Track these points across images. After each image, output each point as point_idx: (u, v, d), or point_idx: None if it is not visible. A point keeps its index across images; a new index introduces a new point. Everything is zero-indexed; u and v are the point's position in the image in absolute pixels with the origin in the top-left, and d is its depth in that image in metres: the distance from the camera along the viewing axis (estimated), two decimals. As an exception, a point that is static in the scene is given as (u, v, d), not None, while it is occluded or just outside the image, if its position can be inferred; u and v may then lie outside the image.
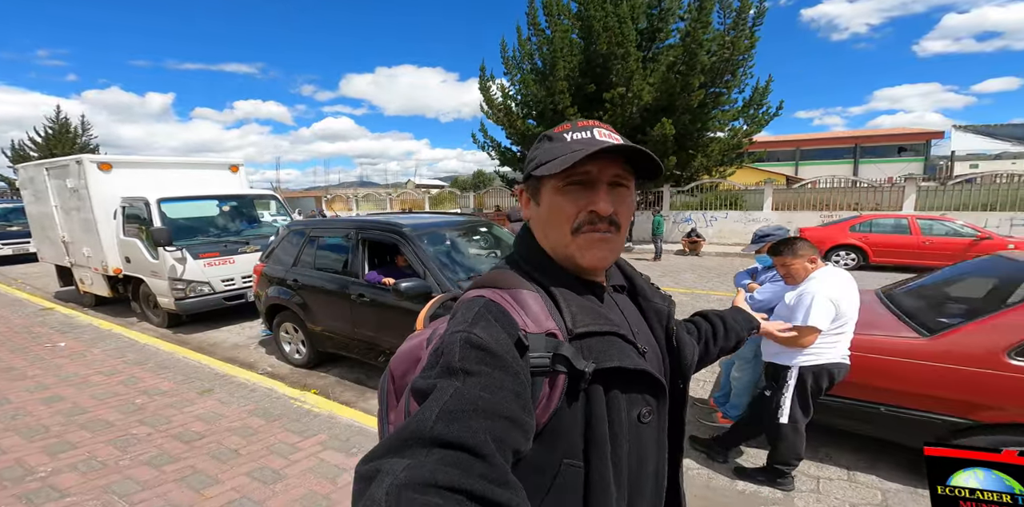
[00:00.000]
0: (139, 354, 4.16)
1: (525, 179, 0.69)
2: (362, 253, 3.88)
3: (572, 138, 0.64)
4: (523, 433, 0.50)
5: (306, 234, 4.36)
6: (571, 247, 0.64)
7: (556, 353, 0.56)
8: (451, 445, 0.43)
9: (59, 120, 29.69)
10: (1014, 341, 1.86)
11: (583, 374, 0.56)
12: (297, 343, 4.35)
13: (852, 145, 33.70)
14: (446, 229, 4.08)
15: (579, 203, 0.63)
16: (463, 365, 0.51)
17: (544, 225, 0.67)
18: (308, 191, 39.99)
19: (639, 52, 12.82)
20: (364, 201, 24.56)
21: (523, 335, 0.56)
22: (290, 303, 4.23)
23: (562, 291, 0.63)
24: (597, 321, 0.61)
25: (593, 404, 0.58)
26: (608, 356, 0.58)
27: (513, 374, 0.52)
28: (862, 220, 8.78)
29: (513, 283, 0.63)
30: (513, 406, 0.50)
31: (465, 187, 21.29)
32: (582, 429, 0.58)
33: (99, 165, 5.63)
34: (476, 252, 4.16)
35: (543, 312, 0.60)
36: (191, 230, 5.70)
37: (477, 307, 0.58)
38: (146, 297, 5.69)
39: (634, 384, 0.61)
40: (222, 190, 6.44)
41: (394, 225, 3.83)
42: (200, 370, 3.72)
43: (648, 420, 0.63)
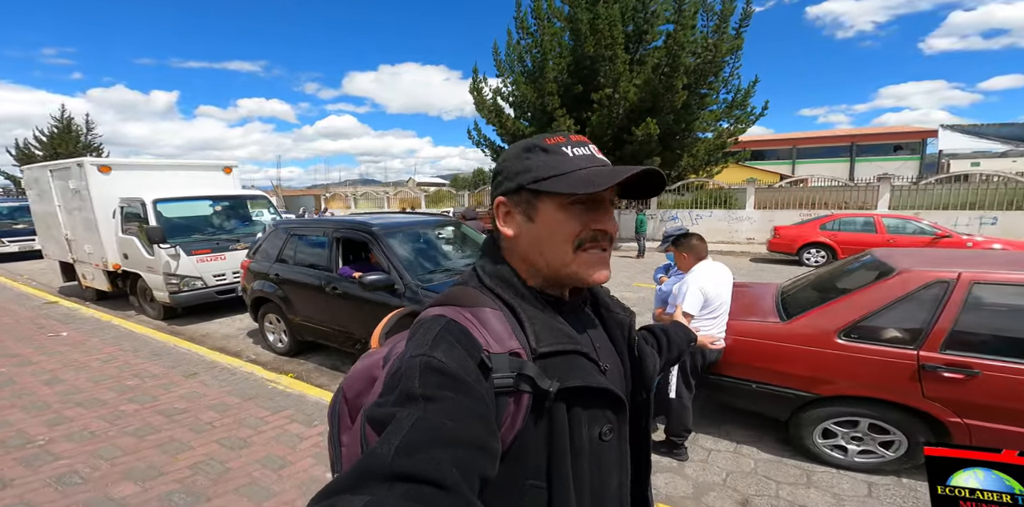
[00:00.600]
0: (134, 343, 4.54)
1: (514, 191, 0.65)
2: (336, 250, 4.25)
3: (575, 154, 0.62)
4: (490, 459, 0.49)
5: (288, 232, 4.73)
6: (573, 265, 0.63)
7: (520, 373, 0.55)
8: (414, 478, 0.41)
9: (63, 119, 30.02)
10: (841, 324, 2.22)
11: (547, 394, 0.55)
12: (280, 333, 4.73)
13: (849, 144, 33.76)
14: (414, 228, 4.44)
15: (583, 221, 0.62)
16: (424, 391, 0.49)
17: (540, 243, 0.64)
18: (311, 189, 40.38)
19: (626, 54, 13.09)
20: (363, 199, 24.97)
21: (486, 356, 0.55)
22: (273, 296, 4.60)
23: (526, 309, 0.62)
24: (561, 340, 0.60)
25: (555, 423, 0.57)
26: (571, 375, 0.58)
27: (477, 398, 0.51)
28: (832, 219, 9.09)
29: (476, 301, 0.62)
30: (478, 432, 0.49)
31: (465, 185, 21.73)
32: (545, 450, 0.57)
33: (99, 168, 6.01)
34: (442, 250, 4.51)
35: (506, 331, 0.59)
36: (186, 228, 6.08)
37: (438, 328, 0.56)
38: (143, 291, 6.07)
39: (596, 402, 0.60)
40: (216, 191, 6.81)
41: (365, 225, 4.20)
42: (188, 357, 4.10)
43: (609, 438, 0.62)
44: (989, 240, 7.69)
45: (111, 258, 6.12)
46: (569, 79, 14.30)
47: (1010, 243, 7.57)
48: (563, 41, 14.48)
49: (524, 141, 0.66)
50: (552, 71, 13.80)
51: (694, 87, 13.24)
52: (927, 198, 10.52)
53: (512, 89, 15.44)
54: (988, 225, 9.81)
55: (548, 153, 0.62)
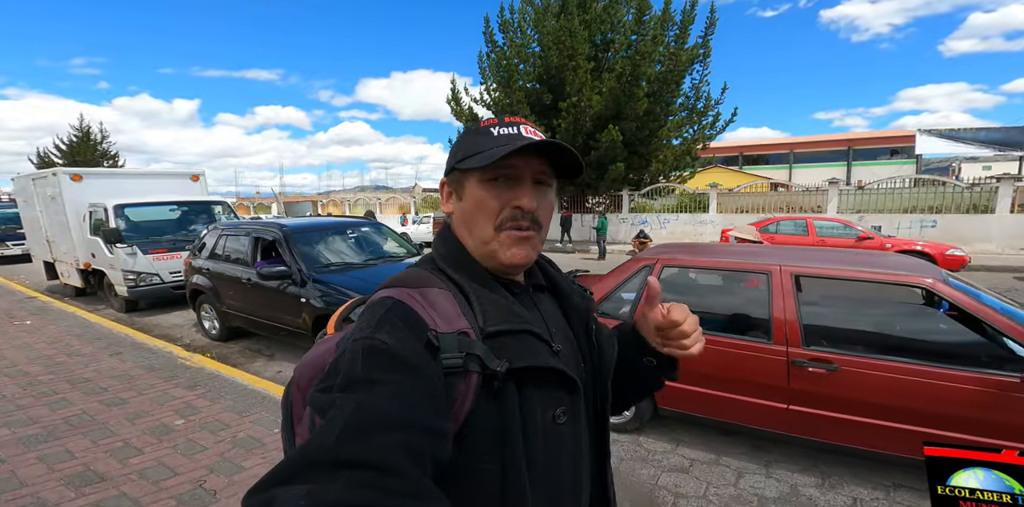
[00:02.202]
0: (84, 330, 5.19)
1: (448, 172, 0.67)
2: (253, 247, 4.84)
3: (498, 133, 0.62)
4: (440, 440, 0.48)
5: (221, 233, 5.35)
6: (492, 244, 0.63)
7: (469, 353, 0.54)
8: (359, 465, 0.40)
9: (82, 128, 31.40)
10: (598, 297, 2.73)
11: (496, 374, 0.54)
12: (213, 320, 5.32)
13: (845, 148, 33.59)
14: (325, 229, 5.02)
15: (503, 198, 0.61)
16: (367, 374, 0.48)
17: (467, 220, 0.64)
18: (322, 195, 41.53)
19: (589, 64, 13.63)
20: (357, 205, 25.86)
21: (433, 336, 0.53)
22: (206, 288, 5.21)
23: (476, 289, 0.61)
24: (510, 319, 0.59)
25: (506, 404, 0.56)
26: (521, 355, 0.57)
27: (424, 379, 0.50)
28: (772, 221, 9.44)
29: (424, 282, 0.61)
30: (426, 413, 0.47)
31: None
32: (496, 431, 0.55)
33: (71, 176, 6.76)
34: (348, 247, 5.06)
35: (454, 311, 0.58)
36: (151, 230, 6.78)
37: (383, 310, 0.55)
38: (109, 287, 6.76)
39: (547, 383, 0.59)
40: (182, 197, 7.52)
41: (277, 225, 4.79)
42: (122, 340, 4.72)
43: (563, 421, 0.60)
44: (911, 241, 7.98)
45: (82, 257, 6.83)
46: (539, 88, 14.90)
47: (928, 244, 7.90)
48: (533, 52, 15.09)
49: (465, 127, 0.70)
50: (520, 80, 14.41)
51: (658, 95, 13.70)
52: (872, 202, 10.76)
53: (491, 98, 16.09)
54: (928, 228, 10.03)
55: (477, 134, 0.64)
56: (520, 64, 15.01)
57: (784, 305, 2.13)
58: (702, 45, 14.42)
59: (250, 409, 3.09)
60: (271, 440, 2.68)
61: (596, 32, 14.58)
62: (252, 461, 2.47)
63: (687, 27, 13.47)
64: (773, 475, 2.40)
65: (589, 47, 13.92)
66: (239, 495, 2.18)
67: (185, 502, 2.13)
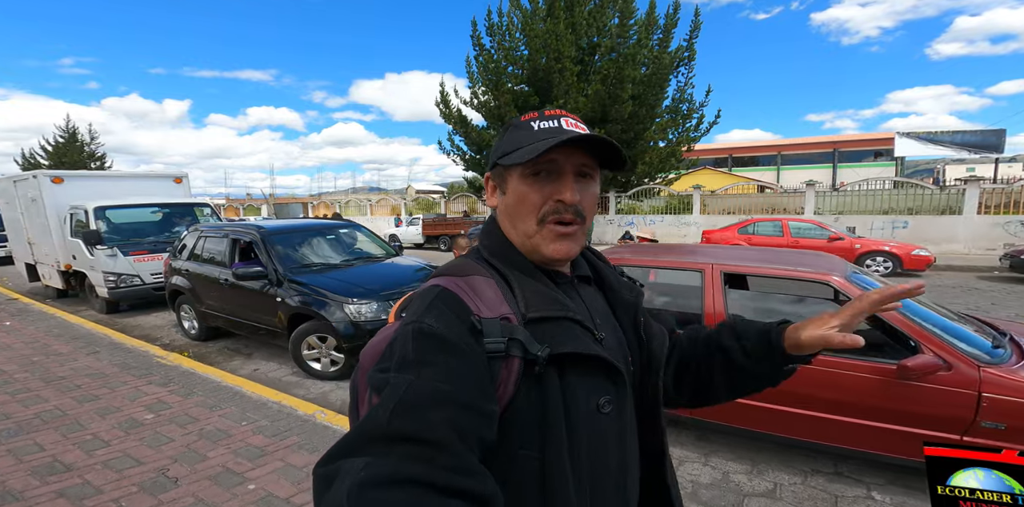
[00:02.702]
0: (63, 330, 5.24)
1: (491, 167, 0.69)
2: (230, 248, 4.93)
3: (539, 127, 0.63)
4: (486, 420, 0.50)
5: (200, 234, 5.43)
6: (536, 238, 0.64)
7: (511, 337, 0.55)
8: (410, 439, 0.43)
9: (68, 129, 31.09)
10: None
11: (538, 359, 0.54)
12: (192, 320, 5.40)
13: (831, 150, 34.16)
14: (302, 231, 5.13)
15: (545, 192, 0.62)
16: (417, 356, 0.51)
17: (511, 214, 0.66)
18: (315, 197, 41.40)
19: (576, 67, 13.84)
20: (347, 207, 25.86)
21: (476, 320, 0.55)
22: (185, 289, 5.28)
23: (518, 277, 0.63)
24: (551, 306, 0.60)
25: (548, 391, 0.56)
26: (563, 341, 0.57)
27: (470, 361, 0.52)
28: (749, 223, 9.67)
29: (469, 270, 0.63)
30: (472, 393, 0.49)
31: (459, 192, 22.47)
32: (538, 418, 0.55)
33: (52, 179, 6.80)
34: (325, 248, 5.16)
35: (498, 297, 0.59)
36: (132, 232, 6.83)
37: (431, 297, 0.58)
38: (90, 288, 6.79)
39: (591, 371, 0.59)
40: (165, 199, 7.57)
41: (255, 227, 4.89)
42: (100, 340, 4.78)
43: (608, 410, 0.60)
44: (880, 242, 8.23)
45: (63, 259, 6.86)
46: (527, 90, 15.08)
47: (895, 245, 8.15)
48: (521, 54, 15.28)
49: (507, 122, 0.70)
50: (508, 83, 14.58)
51: (642, 98, 13.93)
52: (848, 203, 11.05)
53: (481, 100, 16.25)
54: (900, 229, 10.31)
55: (518, 129, 0.65)
56: (509, 67, 15.20)
57: (714, 299, 2.28)
58: (686, 48, 14.71)
59: (221, 404, 3.20)
60: (238, 432, 2.79)
61: (583, 35, 14.80)
62: (217, 451, 2.57)
63: (670, 31, 13.73)
64: (710, 463, 2.55)
65: (576, 50, 14.14)
66: (199, 482, 2.29)
67: (146, 488, 2.24)
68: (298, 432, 2.79)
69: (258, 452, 2.56)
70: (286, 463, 2.45)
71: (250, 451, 2.57)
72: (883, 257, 8.05)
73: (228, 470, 2.39)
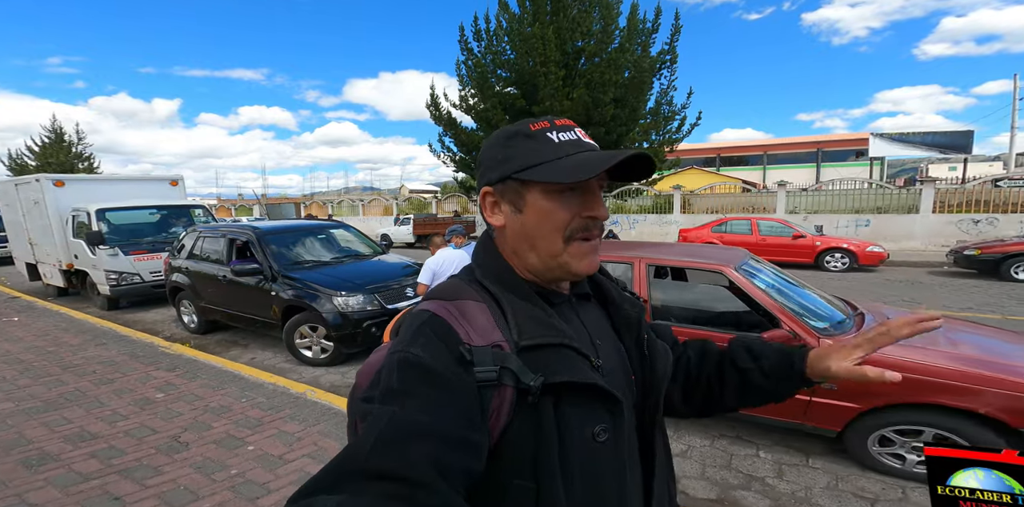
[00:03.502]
0: (71, 325, 5.61)
1: (498, 181, 0.62)
2: (228, 247, 5.33)
3: (560, 139, 0.59)
4: (472, 452, 0.49)
5: (198, 234, 5.82)
6: (563, 256, 0.61)
7: (503, 366, 0.53)
8: (388, 477, 0.42)
9: (55, 129, 30.95)
10: None
11: (531, 388, 0.53)
12: (192, 315, 5.79)
13: (815, 150, 34.95)
14: (294, 231, 5.54)
15: (573, 208, 0.59)
16: (401, 386, 0.50)
17: (530, 233, 0.61)
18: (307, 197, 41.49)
19: (561, 71, 14.28)
20: (340, 207, 26.14)
21: (465, 349, 0.54)
22: (185, 285, 5.67)
23: (513, 301, 0.60)
24: (546, 333, 0.57)
25: (542, 420, 0.54)
26: (558, 369, 0.55)
27: (456, 391, 0.51)
28: (722, 222, 10.19)
29: (460, 294, 0.61)
30: (457, 425, 0.48)
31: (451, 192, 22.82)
32: (531, 447, 0.54)
33: (54, 182, 7.13)
34: (316, 247, 5.58)
35: (490, 324, 0.57)
36: (131, 232, 7.19)
37: (418, 323, 0.57)
38: (91, 286, 7.14)
39: (587, 400, 0.57)
40: (161, 201, 7.92)
41: (251, 228, 5.29)
42: (106, 333, 5.17)
43: (603, 439, 0.58)
44: (840, 239, 8.81)
45: (65, 259, 7.20)
46: (514, 92, 15.51)
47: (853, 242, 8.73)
48: (508, 58, 15.69)
49: (506, 128, 0.63)
50: (495, 87, 15.00)
51: (623, 101, 14.41)
52: (817, 203, 11.63)
53: (470, 103, 16.64)
54: (863, 227, 10.90)
55: (532, 139, 0.60)
56: (497, 69, 15.61)
57: (641, 288, 2.74)
58: (668, 51, 15.20)
59: (223, 385, 3.62)
60: (239, 407, 3.22)
61: (567, 40, 15.25)
62: (220, 422, 3.00)
63: (650, 35, 14.22)
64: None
65: (561, 55, 14.58)
66: (206, 445, 2.72)
67: (162, 450, 2.66)
68: (291, 407, 3.22)
69: (256, 422, 3.00)
70: (280, 430, 2.88)
71: (249, 421, 3.01)
72: (841, 253, 8.61)
73: (231, 436, 2.82)
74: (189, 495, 2.24)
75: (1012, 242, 7.48)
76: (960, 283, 7.51)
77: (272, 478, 2.37)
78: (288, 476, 2.39)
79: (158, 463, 2.53)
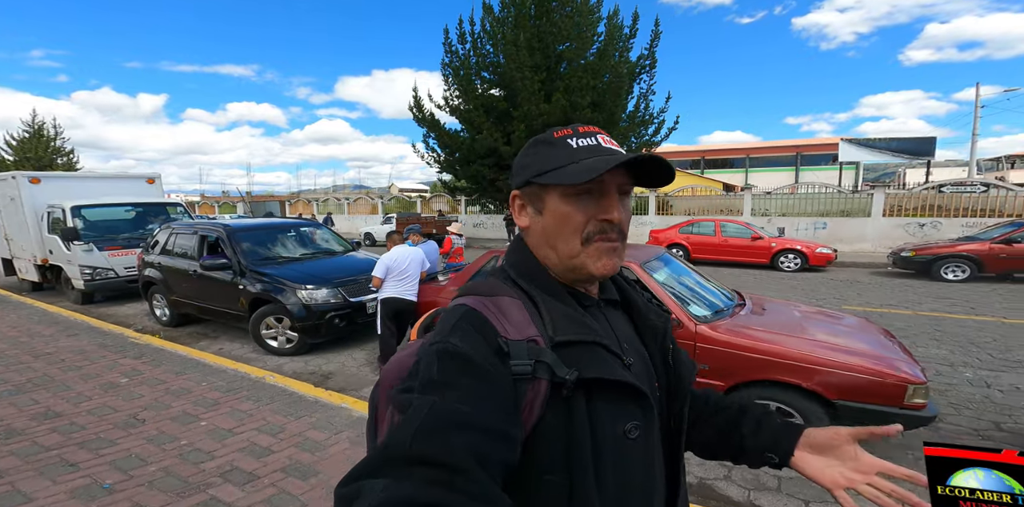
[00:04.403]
0: (44, 317, 5.79)
1: (522, 185, 0.67)
2: (200, 244, 5.56)
3: (578, 145, 0.62)
4: (509, 444, 0.50)
5: (171, 231, 6.03)
6: (581, 257, 0.62)
7: (538, 360, 0.55)
8: (430, 463, 0.43)
9: (34, 123, 30.49)
10: (455, 285, 3.79)
11: (565, 382, 0.54)
12: (164, 308, 6.00)
13: (794, 154, 35.90)
14: (265, 229, 5.78)
15: (589, 211, 0.61)
16: (441, 377, 0.51)
17: (549, 235, 0.64)
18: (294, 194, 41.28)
19: (541, 74, 14.63)
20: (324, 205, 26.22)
21: (503, 342, 0.55)
22: (157, 280, 5.89)
23: (546, 299, 0.62)
24: (580, 330, 0.59)
25: (575, 415, 0.55)
26: (591, 366, 0.57)
27: (495, 383, 0.52)
28: (689, 223, 10.64)
29: (496, 290, 0.63)
30: (495, 417, 0.50)
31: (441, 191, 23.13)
32: (564, 442, 0.55)
33: (30, 179, 7.27)
34: (285, 244, 5.83)
35: (525, 319, 0.59)
36: (107, 229, 7.35)
37: (457, 317, 0.58)
38: (66, 281, 7.29)
39: (618, 397, 0.58)
40: (139, 198, 8.08)
41: (221, 225, 5.53)
42: (78, 324, 5.37)
43: (635, 436, 0.59)
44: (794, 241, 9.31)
45: (40, 254, 7.34)
46: (497, 94, 15.84)
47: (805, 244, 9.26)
48: (492, 61, 16.02)
49: (535, 136, 0.68)
50: (477, 89, 15.32)
51: (600, 105, 14.82)
52: (780, 206, 12.16)
53: (453, 105, 16.91)
54: (820, 229, 11.45)
55: (552, 146, 0.63)
56: (483, 71, 15.92)
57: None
58: (648, 56, 15.66)
59: (186, 371, 3.87)
60: (198, 389, 3.48)
61: (550, 44, 15.62)
62: (179, 402, 3.27)
63: (628, 42, 14.67)
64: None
65: (543, 58, 14.94)
66: (162, 422, 2.98)
67: (120, 426, 2.93)
68: (248, 389, 3.50)
69: (212, 402, 3.27)
70: (234, 408, 3.16)
71: (206, 401, 3.28)
72: (794, 254, 9.09)
73: (186, 413, 3.10)
74: (139, 461, 2.52)
75: (943, 245, 8.02)
76: (894, 282, 8.01)
77: (219, 447, 2.66)
78: (234, 445, 2.68)
79: (115, 436, 2.80)
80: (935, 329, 5.19)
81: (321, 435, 2.79)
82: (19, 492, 2.25)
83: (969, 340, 4.78)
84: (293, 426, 2.90)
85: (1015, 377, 3.79)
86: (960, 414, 3.15)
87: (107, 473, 2.41)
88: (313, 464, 2.47)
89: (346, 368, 4.26)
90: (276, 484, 2.30)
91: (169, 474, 2.40)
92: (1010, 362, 4.14)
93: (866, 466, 0.65)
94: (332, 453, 2.58)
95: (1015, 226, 7.64)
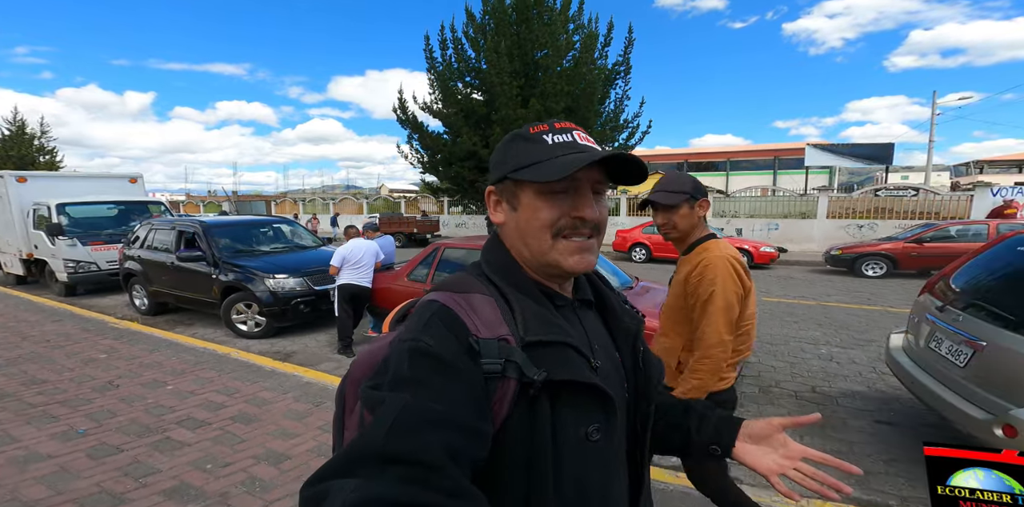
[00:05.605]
0: (29, 306, 6.22)
1: (497, 181, 0.67)
2: (177, 238, 6.04)
3: (553, 141, 0.62)
4: (480, 441, 0.50)
5: (151, 227, 6.50)
6: (552, 254, 0.62)
7: (508, 359, 0.55)
8: (405, 461, 0.43)
9: (16, 121, 30.28)
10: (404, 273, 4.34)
11: (533, 382, 0.55)
12: (143, 298, 6.45)
13: (772, 158, 37.01)
14: (239, 225, 6.29)
15: (563, 208, 0.61)
16: (412, 374, 0.51)
17: (522, 230, 0.64)
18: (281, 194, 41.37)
19: (519, 81, 15.24)
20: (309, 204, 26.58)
21: (473, 341, 0.55)
22: (137, 272, 6.35)
23: (519, 298, 0.62)
24: (551, 331, 0.59)
25: (539, 416, 0.56)
26: (559, 368, 0.57)
27: (466, 381, 0.52)
28: (651, 224, 11.27)
29: (469, 287, 0.63)
30: (467, 414, 0.50)
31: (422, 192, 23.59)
32: (526, 442, 0.56)
33: (17, 178, 7.68)
34: (258, 238, 6.32)
35: (497, 318, 0.59)
36: (90, 225, 7.77)
37: (429, 313, 0.58)
38: (50, 274, 7.69)
39: (583, 399, 0.58)
40: (121, 197, 8.51)
41: (197, 221, 6.03)
42: (62, 312, 5.82)
43: (596, 439, 0.59)
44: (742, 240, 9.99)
45: (25, 249, 7.74)
46: (479, 99, 16.42)
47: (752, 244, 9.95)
48: (475, 65, 16.60)
49: (512, 132, 0.68)
50: (458, 93, 15.89)
51: (575, 111, 15.47)
52: (738, 207, 12.90)
53: (435, 108, 17.44)
54: (773, 230, 12.19)
55: (528, 141, 0.63)
56: (465, 76, 16.50)
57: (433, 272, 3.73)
58: (622, 62, 16.36)
59: (159, 349, 4.37)
60: (168, 363, 3.98)
61: (529, 52, 16.24)
62: (150, 372, 3.77)
63: (603, 49, 15.37)
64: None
65: (522, 65, 15.57)
66: (134, 387, 3.49)
67: (98, 390, 3.43)
68: (214, 362, 4.01)
69: (180, 372, 3.78)
70: (198, 376, 3.68)
71: (174, 371, 3.79)
72: (741, 253, 9.76)
73: (155, 380, 3.60)
74: (110, 414, 3.03)
75: (866, 244, 8.75)
76: (821, 278, 8.71)
77: (179, 404, 3.18)
78: (193, 402, 3.20)
79: (92, 397, 3.30)
80: (824, 316, 5.87)
81: (270, 394, 3.32)
82: (9, 435, 2.75)
83: (843, 324, 5.45)
84: (248, 389, 3.43)
85: (858, 353, 4.43)
86: (794, 380, 3.77)
87: (82, 422, 2.92)
88: (258, 415, 3.01)
89: (308, 348, 4.78)
90: (223, 428, 2.83)
91: (134, 423, 2.91)
92: (862, 341, 4.80)
93: (793, 452, 0.69)
94: (276, 407, 3.11)
95: (926, 227, 8.40)
